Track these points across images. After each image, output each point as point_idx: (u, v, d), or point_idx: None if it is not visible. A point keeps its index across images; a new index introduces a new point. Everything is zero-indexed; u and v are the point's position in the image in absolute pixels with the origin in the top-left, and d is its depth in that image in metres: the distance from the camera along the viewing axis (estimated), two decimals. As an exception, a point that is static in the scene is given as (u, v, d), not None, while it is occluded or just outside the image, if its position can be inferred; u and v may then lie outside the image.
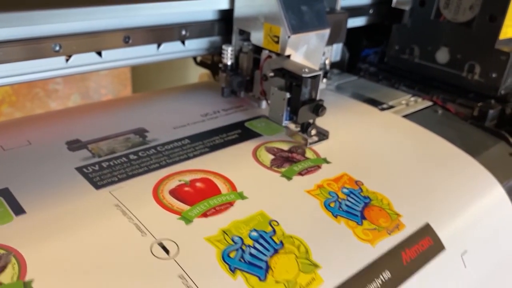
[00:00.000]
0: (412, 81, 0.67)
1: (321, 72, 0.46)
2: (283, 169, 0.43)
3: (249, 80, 0.55)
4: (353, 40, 0.72)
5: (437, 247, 0.38)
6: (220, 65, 0.55)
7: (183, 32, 0.52)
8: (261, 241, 0.34)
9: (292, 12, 0.48)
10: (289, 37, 0.47)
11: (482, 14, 0.60)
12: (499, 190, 0.46)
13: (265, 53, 0.52)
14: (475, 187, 0.46)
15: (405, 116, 0.56)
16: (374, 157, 0.47)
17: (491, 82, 0.60)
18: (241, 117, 0.52)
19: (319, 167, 0.44)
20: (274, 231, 0.35)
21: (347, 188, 0.41)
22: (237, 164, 0.43)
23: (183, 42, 0.53)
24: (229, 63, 0.54)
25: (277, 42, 0.49)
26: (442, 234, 0.39)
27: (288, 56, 0.49)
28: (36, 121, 0.48)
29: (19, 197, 0.35)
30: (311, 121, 0.47)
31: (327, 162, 0.45)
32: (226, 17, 0.55)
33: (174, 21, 0.51)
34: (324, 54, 0.57)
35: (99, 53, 0.47)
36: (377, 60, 0.76)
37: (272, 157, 0.45)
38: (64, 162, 0.40)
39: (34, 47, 0.42)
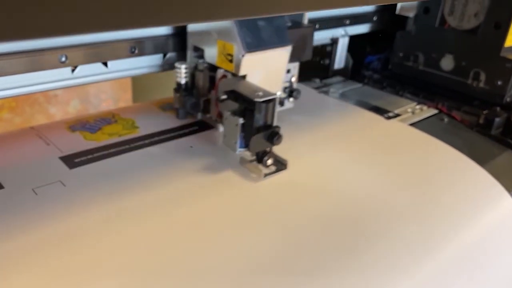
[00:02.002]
0: (417, 89, 0.67)
1: (277, 96, 0.41)
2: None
3: (206, 100, 0.50)
4: (357, 47, 0.72)
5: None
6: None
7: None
8: (101, 120, 0.49)
9: (247, 28, 0.44)
10: (243, 56, 0.43)
11: (487, 21, 0.60)
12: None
13: (220, 72, 0.47)
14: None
15: (412, 125, 0.56)
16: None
17: (496, 89, 0.60)
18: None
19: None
20: (113, 116, 0.51)
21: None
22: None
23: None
24: (183, 82, 0.49)
25: (231, 61, 0.44)
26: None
27: (244, 77, 0.45)
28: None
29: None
30: (268, 149, 0.43)
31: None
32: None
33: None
34: (289, 71, 0.53)
35: (105, 64, 0.46)
36: (380, 67, 0.76)
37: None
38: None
39: (41, 59, 0.41)
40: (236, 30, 0.43)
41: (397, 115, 0.58)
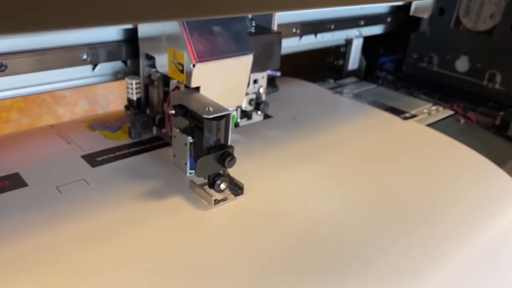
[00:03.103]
0: (431, 90, 0.67)
1: (230, 112, 0.36)
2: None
3: (161, 115, 0.46)
4: (370, 48, 0.72)
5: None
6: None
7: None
8: (120, 119, 0.49)
9: (199, 34, 0.38)
10: (193, 65, 0.38)
11: (503, 22, 0.60)
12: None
13: (173, 83, 0.42)
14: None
15: (428, 126, 0.56)
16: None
17: (512, 91, 0.60)
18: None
19: None
20: None
21: None
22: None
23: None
24: (134, 98, 0.45)
25: (182, 71, 0.39)
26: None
27: (197, 89, 0.40)
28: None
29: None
30: (221, 171, 0.37)
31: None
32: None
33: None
34: (256, 81, 0.49)
35: (125, 62, 0.46)
36: (393, 68, 0.76)
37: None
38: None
39: (63, 55, 0.41)
40: (186, 36, 0.37)
41: (413, 116, 0.58)
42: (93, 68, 0.44)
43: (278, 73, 0.58)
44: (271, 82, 0.60)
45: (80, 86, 0.45)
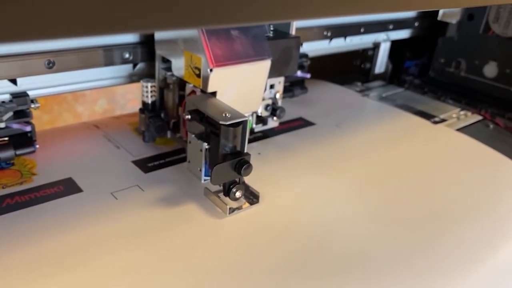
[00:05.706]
0: (458, 95, 0.67)
1: (247, 118, 0.35)
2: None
3: (176, 119, 0.45)
4: (396, 52, 0.72)
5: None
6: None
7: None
8: None
9: (216, 37, 0.37)
10: (211, 70, 0.37)
11: (534, 29, 0.60)
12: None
13: (189, 88, 0.41)
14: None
15: (458, 130, 0.56)
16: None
17: (542, 97, 0.60)
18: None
19: None
20: None
21: None
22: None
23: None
24: (149, 101, 0.44)
25: (199, 76, 0.38)
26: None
27: (214, 94, 0.39)
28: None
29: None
30: (237, 179, 0.36)
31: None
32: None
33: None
34: (273, 87, 0.48)
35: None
36: (418, 72, 0.76)
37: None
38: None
39: (105, 54, 0.42)
40: (203, 40, 0.37)
41: (443, 120, 0.58)
42: (134, 67, 0.45)
43: (308, 75, 0.59)
44: (300, 84, 0.60)
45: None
